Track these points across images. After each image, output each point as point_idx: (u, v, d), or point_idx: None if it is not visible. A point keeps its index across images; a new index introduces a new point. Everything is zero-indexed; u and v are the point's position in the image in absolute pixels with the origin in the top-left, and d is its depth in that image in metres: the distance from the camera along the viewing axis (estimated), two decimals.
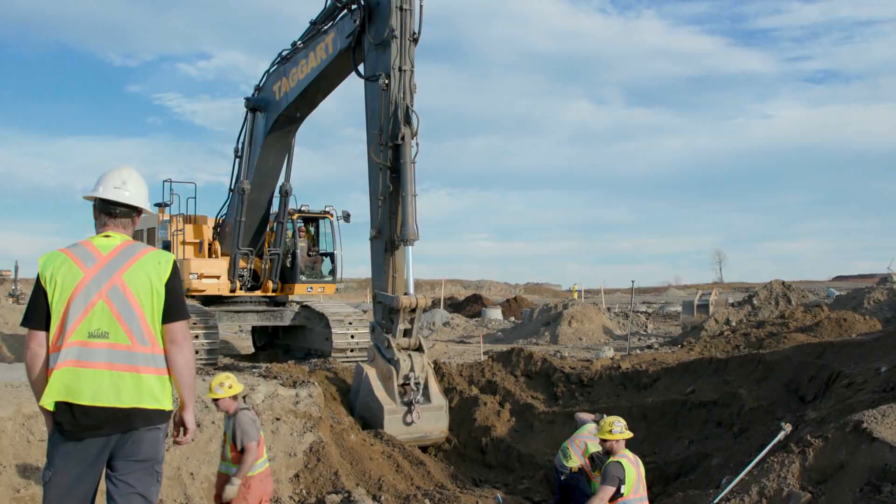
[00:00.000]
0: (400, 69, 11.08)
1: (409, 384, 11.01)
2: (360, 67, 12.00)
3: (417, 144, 11.06)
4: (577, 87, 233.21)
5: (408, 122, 10.97)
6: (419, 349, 11.25)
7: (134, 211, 3.91)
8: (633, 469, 6.06)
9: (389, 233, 11.22)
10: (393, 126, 11.03)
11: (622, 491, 5.99)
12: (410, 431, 11.04)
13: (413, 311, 10.99)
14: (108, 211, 3.84)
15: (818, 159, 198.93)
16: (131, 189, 3.85)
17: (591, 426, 8.44)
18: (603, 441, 6.41)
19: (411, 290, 11.06)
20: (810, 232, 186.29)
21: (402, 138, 10.89)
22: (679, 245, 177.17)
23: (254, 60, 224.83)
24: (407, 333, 11.16)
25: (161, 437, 3.83)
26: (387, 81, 11.05)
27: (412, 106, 11.11)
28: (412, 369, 10.96)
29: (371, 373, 11.28)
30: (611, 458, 6.16)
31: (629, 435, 6.40)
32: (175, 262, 3.92)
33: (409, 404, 10.94)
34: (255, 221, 16.09)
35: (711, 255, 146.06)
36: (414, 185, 10.92)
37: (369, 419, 11.26)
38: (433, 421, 11.20)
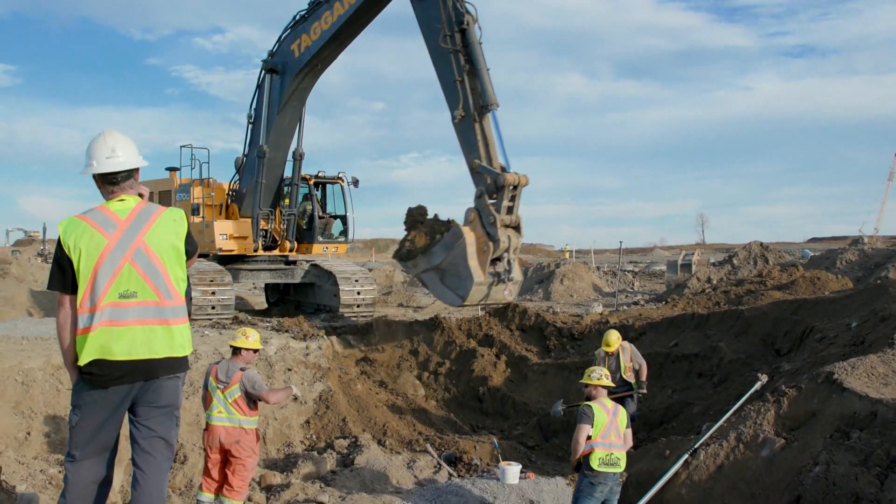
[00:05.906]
0: None
1: (501, 260, 10.99)
2: None
3: (480, 28, 11.28)
4: (569, 62, 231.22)
5: (466, 10, 11.16)
6: (517, 228, 11.15)
7: (133, 170, 3.88)
8: (605, 415, 6.01)
9: (474, 105, 11.19)
10: (455, 13, 11.17)
11: (590, 433, 5.98)
12: (486, 299, 11.20)
13: (516, 187, 10.92)
14: (110, 180, 3.79)
15: (795, 129, 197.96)
16: (122, 154, 3.79)
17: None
18: (584, 386, 6.37)
19: (508, 166, 10.98)
20: (787, 197, 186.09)
21: (467, 23, 11.07)
22: (664, 209, 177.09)
23: (265, 35, 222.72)
24: (510, 210, 11.03)
25: (179, 385, 3.88)
26: None
27: None
28: (508, 249, 10.92)
29: (469, 238, 11.05)
30: (585, 403, 6.14)
31: (607, 383, 6.32)
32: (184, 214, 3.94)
33: (499, 279, 10.96)
34: (274, 182, 15.93)
35: (695, 218, 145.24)
36: (484, 60, 11.14)
37: (451, 278, 11.24)
38: (507, 291, 11.23)
